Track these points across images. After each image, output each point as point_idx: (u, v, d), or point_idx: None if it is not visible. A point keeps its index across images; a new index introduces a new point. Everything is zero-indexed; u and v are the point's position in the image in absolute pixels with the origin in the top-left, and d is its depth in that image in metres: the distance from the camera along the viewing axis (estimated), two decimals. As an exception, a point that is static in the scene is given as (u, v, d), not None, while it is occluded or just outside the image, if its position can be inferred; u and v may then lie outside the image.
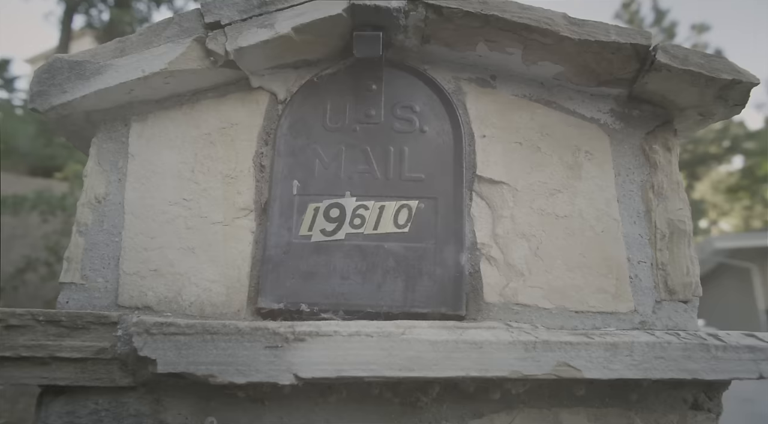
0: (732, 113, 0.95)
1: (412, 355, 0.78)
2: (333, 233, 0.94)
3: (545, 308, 0.89)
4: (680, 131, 1.02)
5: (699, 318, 4.33)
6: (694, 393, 0.85)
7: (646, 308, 0.90)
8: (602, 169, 0.96)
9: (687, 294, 0.91)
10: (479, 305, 0.90)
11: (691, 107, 0.96)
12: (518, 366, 0.77)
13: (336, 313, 0.91)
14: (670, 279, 0.91)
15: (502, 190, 0.95)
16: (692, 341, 0.78)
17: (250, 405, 0.84)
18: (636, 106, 1.00)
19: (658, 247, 0.92)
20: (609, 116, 0.99)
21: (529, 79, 1.01)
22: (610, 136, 0.98)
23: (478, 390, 0.84)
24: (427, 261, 0.91)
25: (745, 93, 0.90)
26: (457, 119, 0.97)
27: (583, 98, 1.00)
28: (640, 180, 0.96)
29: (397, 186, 0.95)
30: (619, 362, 0.77)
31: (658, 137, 0.98)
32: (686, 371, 0.77)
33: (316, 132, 1.00)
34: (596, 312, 0.89)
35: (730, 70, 0.88)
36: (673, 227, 0.93)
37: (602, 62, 0.94)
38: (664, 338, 0.79)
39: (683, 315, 0.90)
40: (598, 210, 0.94)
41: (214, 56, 0.96)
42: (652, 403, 0.84)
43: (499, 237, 0.93)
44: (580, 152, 0.97)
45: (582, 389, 0.83)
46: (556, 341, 0.78)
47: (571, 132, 0.98)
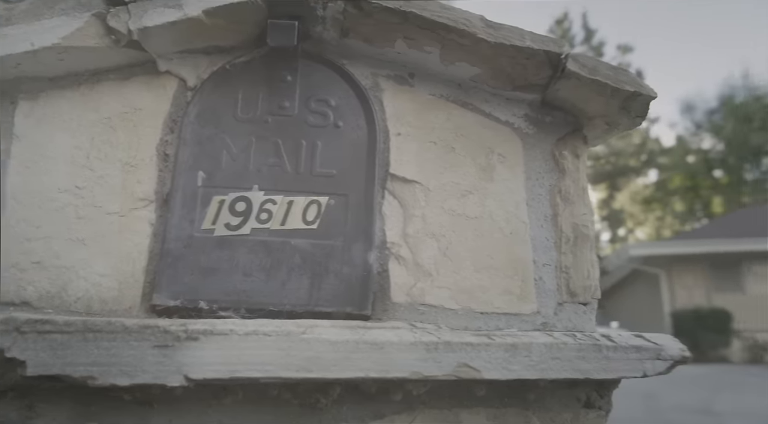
0: (634, 124, 0.99)
1: (311, 355, 0.75)
2: (238, 227, 0.89)
3: (451, 309, 0.89)
4: (589, 139, 1.06)
5: (614, 320, 4.64)
6: (587, 392, 0.87)
7: (548, 309, 0.92)
8: (514, 172, 0.98)
9: (587, 297, 0.94)
10: (386, 305, 0.89)
11: (598, 116, 1.00)
12: (419, 367, 0.76)
13: (237, 311, 0.87)
14: (572, 282, 0.94)
15: (414, 189, 0.94)
16: (587, 342, 0.80)
17: (137, 408, 0.78)
18: (549, 112, 1.02)
19: (563, 250, 0.95)
20: (523, 121, 1.01)
21: (446, 80, 1.01)
22: (523, 140, 1.00)
23: (379, 391, 0.82)
24: (334, 259, 0.89)
25: (645, 105, 0.94)
26: (372, 116, 0.96)
27: (498, 101, 1.01)
28: (549, 184, 0.99)
29: (307, 181, 0.92)
30: (517, 362, 0.78)
31: (568, 144, 1.01)
32: (580, 371, 0.79)
33: (226, 122, 0.95)
34: (501, 313, 0.90)
35: (632, 83, 0.92)
36: (577, 232, 0.96)
37: (517, 67, 0.95)
38: (561, 339, 0.80)
39: (582, 317, 0.93)
40: (508, 212, 0.95)
41: (116, 35, 0.89)
42: (548, 402, 0.86)
43: (410, 236, 0.92)
44: (493, 154, 0.98)
45: (483, 389, 0.83)
46: (457, 341, 0.77)
47: (485, 134, 0.99)
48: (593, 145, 1.09)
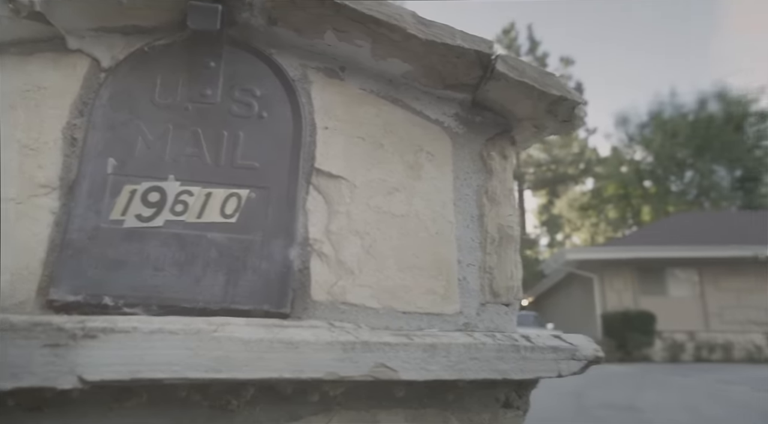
0: (562, 128, 1.01)
1: (221, 355, 0.71)
2: (150, 219, 0.84)
3: (373, 308, 0.87)
4: (518, 142, 1.07)
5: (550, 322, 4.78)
6: (506, 392, 0.88)
7: (471, 309, 0.92)
8: (442, 171, 0.97)
9: (509, 297, 0.94)
10: (306, 303, 0.86)
11: (527, 119, 1.01)
12: (335, 367, 0.73)
13: (146, 308, 0.81)
14: (495, 282, 0.94)
15: (340, 185, 0.92)
16: (505, 342, 0.80)
17: (24, 414, 0.72)
18: (479, 112, 1.02)
19: (488, 251, 0.95)
20: (453, 120, 1.01)
21: (377, 75, 0.99)
22: (452, 139, 1.00)
23: (296, 392, 0.79)
24: (253, 254, 0.85)
25: (571, 110, 0.96)
26: (299, 108, 0.93)
27: (429, 100, 1.01)
28: (477, 185, 0.99)
29: (227, 173, 0.88)
30: (436, 362, 0.77)
31: (497, 145, 1.01)
32: (498, 372, 0.79)
33: (142, 107, 0.89)
34: (423, 313, 0.89)
35: (558, 87, 0.93)
36: (502, 232, 0.97)
37: (448, 65, 0.95)
38: (480, 339, 0.80)
39: (504, 317, 0.94)
40: (435, 212, 0.95)
41: (15, 4, 0.82)
42: (467, 402, 0.86)
43: (333, 233, 0.89)
44: (421, 153, 0.97)
45: (402, 390, 0.82)
46: (376, 341, 0.76)
47: (415, 132, 0.98)
48: (522, 147, 1.11)
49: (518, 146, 1.08)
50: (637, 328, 16.99)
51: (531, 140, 1.08)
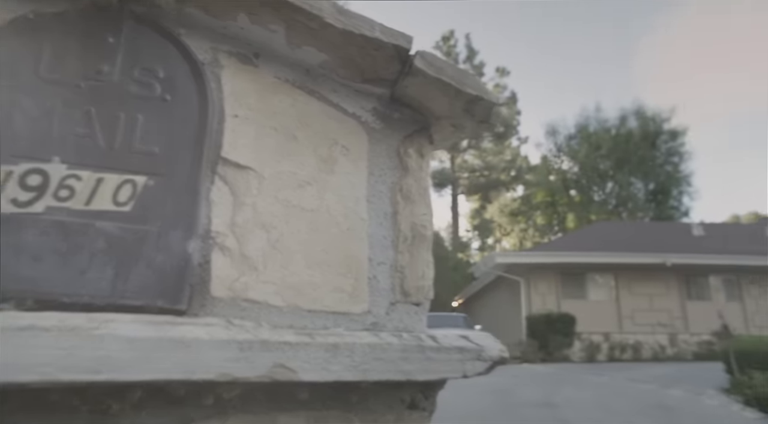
0: (480, 129, 1.02)
1: (102, 355, 0.65)
2: (28, 204, 0.76)
3: (276, 306, 0.83)
4: (436, 140, 1.06)
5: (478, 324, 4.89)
6: (412, 393, 0.87)
7: (380, 309, 0.90)
8: (357, 166, 0.95)
9: (420, 297, 0.93)
10: (204, 300, 0.81)
11: (445, 117, 1.00)
12: (229, 368, 0.69)
13: (20, 302, 0.73)
14: (406, 282, 0.93)
15: (248, 176, 0.87)
16: (411, 342, 0.79)
17: None
18: (398, 108, 1.01)
19: (400, 249, 0.94)
20: (371, 115, 0.99)
21: (294, 64, 0.95)
22: (369, 134, 0.98)
23: (189, 394, 0.74)
24: (148, 246, 0.79)
25: (488, 110, 0.96)
26: (206, 93, 0.87)
27: (347, 92, 0.98)
28: (392, 182, 0.97)
29: (123, 158, 0.81)
30: (338, 363, 0.74)
31: (414, 142, 1.00)
32: (402, 372, 0.77)
33: (25, 79, 0.80)
34: (330, 312, 0.86)
35: (475, 87, 0.93)
36: (416, 231, 0.96)
37: (367, 58, 0.93)
38: (386, 339, 0.78)
39: (413, 317, 0.92)
40: (347, 207, 0.92)
41: None
42: (372, 404, 0.84)
43: (238, 226, 0.85)
44: (336, 146, 0.94)
45: (305, 392, 0.78)
46: (275, 340, 0.72)
47: (330, 125, 0.95)
48: (440, 146, 1.10)
49: (436, 145, 1.07)
50: (559, 330, 17.82)
51: (449, 140, 1.08)
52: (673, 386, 9.92)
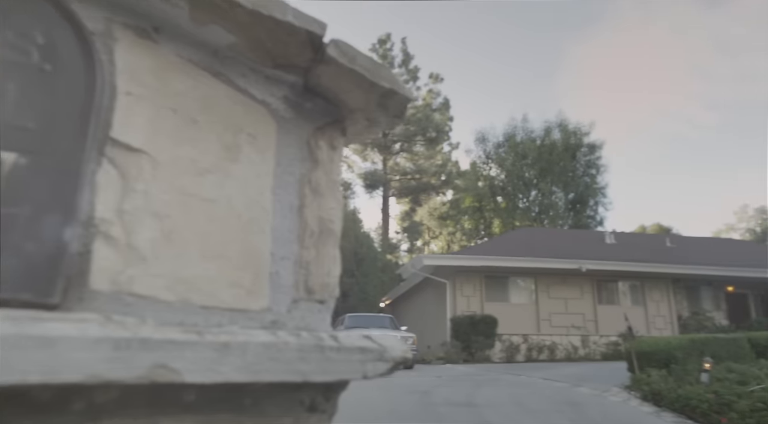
0: (394, 124, 1.00)
1: (-58, 355, 0.56)
2: None
3: (166, 301, 0.77)
4: (350, 134, 1.03)
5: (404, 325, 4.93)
6: (312, 395, 0.83)
7: (281, 306, 0.86)
8: (263, 156, 0.90)
9: (324, 294, 0.90)
10: (83, 293, 0.73)
11: (359, 110, 0.98)
12: (102, 369, 0.62)
13: None
14: (311, 278, 0.89)
15: (140, 159, 0.80)
16: (310, 342, 0.75)
17: None
18: (311, 98, 0.97)
19: (306, 244, 0.90)
20: (281, 103, 0.94)
21: (200, 44, 0.89)
22: (278, 123, 0.93)
23: (56, 399, 0.66)
24: (15, 233, 0.70)
25: (402, 105, 0.95)
26: (95, 66, 0.79)
27: (257, 78, 0.93)
28: (300, 174, 0.93)
29: (-10, 131, 0.71)
30: (229, 363, 0.69)
31: (326, 134, 0.97)
32: (299, 373, 0.73)
33: None
34: (226, 308, 0.81)
35: (390, 80, 0.91)
36: (323, 226, 0.92)
37: (278, 43, 0.88)
38: (283, 338, 0.74)
39: (317, 315, 0.89)
40: (250, 198, 0.87)
41: None
42: (267, 406, 0.79)
43: (126, 213, 0.77)
44: (242, 134, 0.89)
45: (192, 394, 0.72)
46: (158, 339, 0.66)
47: (237, 111, 0.89)
48: (354, 141, 1.08)
49: (350, 139, 1.04)
50: (481, 331, 18.39)
51: (364, 134, 1.05)
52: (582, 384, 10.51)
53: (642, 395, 8.78)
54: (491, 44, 72.54)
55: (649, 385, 8.72)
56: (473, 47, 73.26)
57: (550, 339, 19.89)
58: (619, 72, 77.21)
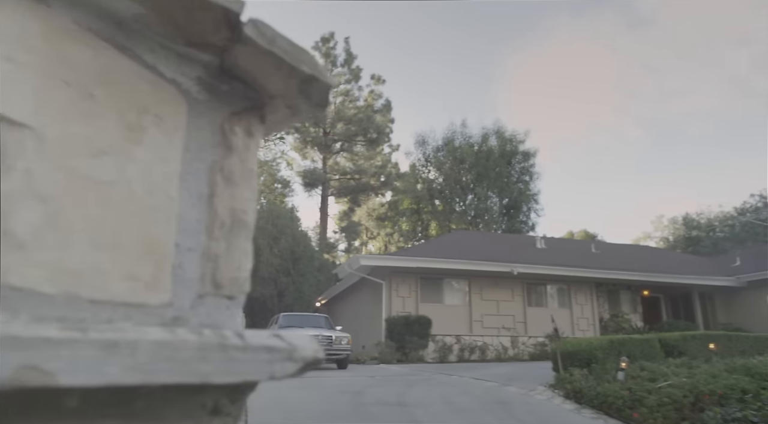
0: (316, 113, 0.95)
1: None
2: None
3: (47, 294, 0.68)
4: (271, 122, 0.98)
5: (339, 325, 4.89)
6: (216, 398, 0.77)
7: (184, 301, 0.79)
8: (171, 139, 0.83)
9: (234, 290, 0.84)
10: (-60, 286, 0.64)
11: (279, 96, 0.92)
12: (-45, 371, 0.54)
13: None
14: (219, 272, 0.83)
15: (23, 135, 0.71)
16: (212, 340, 0.69)
17: None
18: (227, 80, 0.91)
19: (215, 236, 0.84)
20: (194, 84, 0.87)
21: (102, 12, 0.81)
22: (190, 105, 0.86)
23: None
24: None
25: (324, 93, 0.90)
26: (-30, 26, 0.69)
27: (168, 55, 0.86)
28: (212, 160, 0.86)
29: None
30: (115, 363, 0.62)
31: (243, 120, 0.91)
32: (198, 374, 0.67)
33: None
34: (119, 303, 0.73)
35: (310, 65, 0.87)
36: (235, 217, 0.86)
37: (191, 20, 0.81)
38: (181, 336, 0.68)
39: (225, 312, 0.83)
40: (154, 184, 0.80)
41: None
42: (164, 410, 0.73)
43: (4, 195, 0.68)
44: (147, 114, 0.81)
45: (75, 399, 0.65)
46: (30, 336, 0.58)
47: (142, 88, 0.82)
48: (276, 129, 1.02)
49: (271, 128, 0.99)
50: (416, 332, 18.61)
51: (285, 123, 1.00)
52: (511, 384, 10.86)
53: (565, 394, 9.19)
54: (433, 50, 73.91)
55: (572, 383, 9.13)
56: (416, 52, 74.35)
57: (482, 340, 20.43)
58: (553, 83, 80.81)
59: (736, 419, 6.41)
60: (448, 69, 77.27)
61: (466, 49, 75.39)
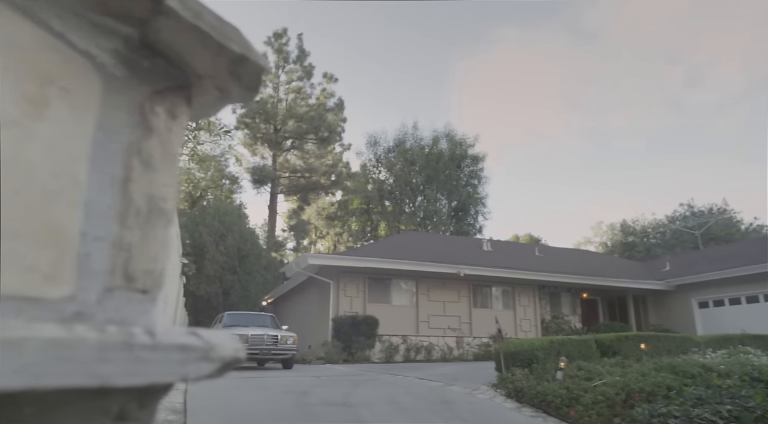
0: (248, 97, 0.89)
1: None
2: None
3: None
4: (199, 105, 0.91)
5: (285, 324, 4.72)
6: (122, 402, 0.70)
7: (90, 295, 0.71)
8: (80, 116, 0.75)
9: (148, 283, 0.77)
10: None
11: (208, 77, 0.86)
12: None
13: None
14: (132, 264, 0.76)
15: None
16: (116, 338, 0.62)
17: None
18: (150, 56, 0.83)
19: (129, 224, 0.76)
20: (111, 57, 0.80)
21: (1, -30, 0.72)
22: (105, 81, 0.78)
23: None
24: None
25: (256, 75, 0.84)
26: None
27: (80, 24, 0.77)
28: (129, 142, 0.79)
29: None
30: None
31: (167, 100, 0.84)
32: (96, 376, 0.60)
33: None
34: (11, 297, 0.65)
35: (241, 44, 0.81)
36: (153, 204, 0.79)
37: (108, -15, 0.74)
38: (79, 333, 0.60)
39: (137, 307, 0.75)
40: (58, 165, 0.71)
41: None
42: (60, 417, 0.65)
43: None
44: (52, 86, 0.73)
45: (-52, 405, 0.57)
46: None
47: (48, 57, 0.73)
48: (206, 114, 0.95)
49: (199, 111, 0.92)
50: (363, 332, 18.57)
51: (215, 106, 0.93)
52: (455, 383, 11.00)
53: (507, 393, 9.39)
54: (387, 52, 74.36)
55: (513, 383, 9.35)
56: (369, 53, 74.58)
57: (428, 340, 20.64)
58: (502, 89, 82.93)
59: (661, 414, 6.75)
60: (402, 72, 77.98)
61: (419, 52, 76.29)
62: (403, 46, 74.92)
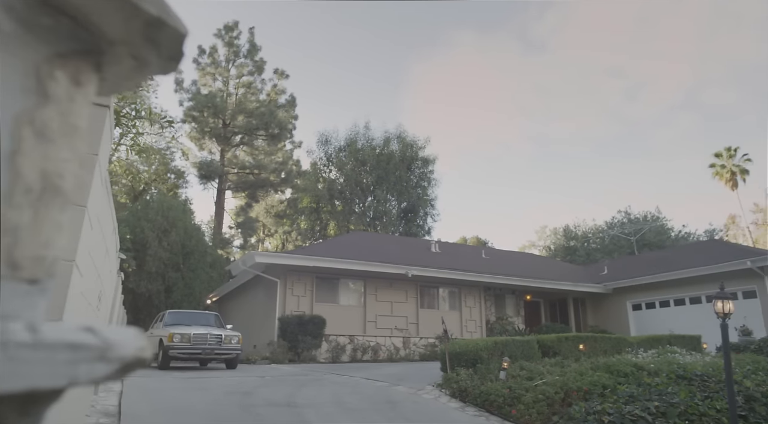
0: (168, 68, 0.80)
1: None
2: None
3: None
4: (115, 76, 0.81)
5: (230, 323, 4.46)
6: (5, 409, 0.60)
7: (-38, 285, 0.61)
8: (-41, 76, 0.64)
9: (39, 272, 0.67)
10: None
11: (121, 43, 0.76)
12: None
13: None
14: (19, 249, 0.66)
15: None
16: (-13, 334, 0.53)
17: None
18: (51, 14, 0.73)
19: (16, 202, 0.66)
20: (2, 12, 0.69)
21: None
22: (-5, 38, 0.68)
23: None
24: None
25: (177, 43, 0.75)
26: None
27: (-35, -29, 0.67)
28: (21, 109, 0.68)
29: None
30: None
31: (70, 64, 0.73)
32: (-43, 379, 0.50)
33: None
34: None
35: (157, 5, 0.72)
36: (48, 182, 0.69)
37: (-2, -74, 0.63)
38: (-62, 328, 0.50)
39: (24, 299, 0.65)
40: (-74, 131, 0.61)
41: None
42: None
43: None
44: (-77, 39, 0.62)
45: None
46: None
47: None
48: (124, 86, 0.85)
49: (114, 84, 0.82)
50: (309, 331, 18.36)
51: (132, 78, 0.83)
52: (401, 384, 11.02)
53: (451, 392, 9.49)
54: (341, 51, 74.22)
55: (458, 383, 9.46)
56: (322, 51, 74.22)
57: (375, 340, 20.66)
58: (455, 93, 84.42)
59: (596, 412, 7.00)
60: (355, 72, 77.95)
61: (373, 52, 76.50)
62: (359, 46, 74.94)
